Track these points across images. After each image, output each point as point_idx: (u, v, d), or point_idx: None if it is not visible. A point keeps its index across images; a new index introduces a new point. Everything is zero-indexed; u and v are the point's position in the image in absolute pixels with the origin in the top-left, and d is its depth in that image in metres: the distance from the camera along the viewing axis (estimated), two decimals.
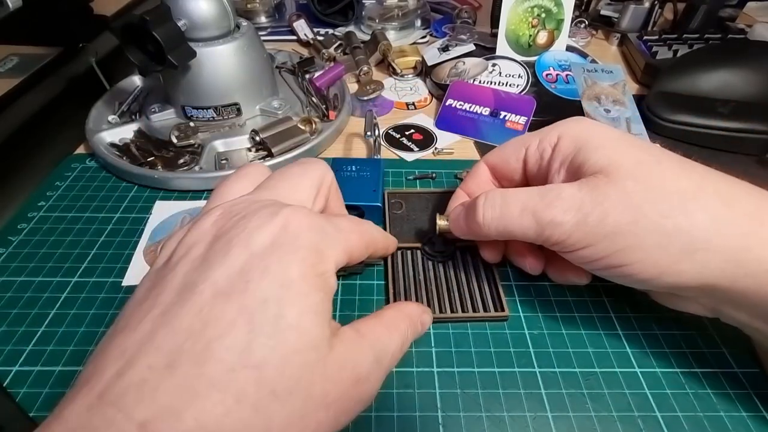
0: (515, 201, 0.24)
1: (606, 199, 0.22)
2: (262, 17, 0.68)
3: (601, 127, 0.25)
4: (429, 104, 0.51)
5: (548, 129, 0.27)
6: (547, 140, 0.26)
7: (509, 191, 0.25)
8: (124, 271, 0.32)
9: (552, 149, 0.26)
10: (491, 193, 0.26)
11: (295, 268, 0.17)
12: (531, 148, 0.27)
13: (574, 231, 0.22)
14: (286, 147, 0.40)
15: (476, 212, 0.26)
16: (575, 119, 0.26)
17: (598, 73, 0.50)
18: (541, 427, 0.24)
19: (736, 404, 0.25)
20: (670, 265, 0.21)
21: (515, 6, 0.51)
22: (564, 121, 0.27)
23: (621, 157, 0.23)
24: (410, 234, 0.34)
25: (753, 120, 0.43)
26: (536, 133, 0.27)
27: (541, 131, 0.27)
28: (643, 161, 0.23)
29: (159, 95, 0.46)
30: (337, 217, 0.21)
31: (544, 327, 0.28)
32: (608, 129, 0.25)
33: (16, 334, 0.28)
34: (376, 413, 0.24)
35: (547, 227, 0.23)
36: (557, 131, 0.26)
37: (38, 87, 0.46)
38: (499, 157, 0.29)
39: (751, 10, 0.68)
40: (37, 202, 0.37)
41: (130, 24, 0.36)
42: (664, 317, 0.28)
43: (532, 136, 0.27)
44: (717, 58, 0.47)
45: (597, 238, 0.22)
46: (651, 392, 0.25)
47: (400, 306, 0.23)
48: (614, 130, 0.25)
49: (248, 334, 0.16)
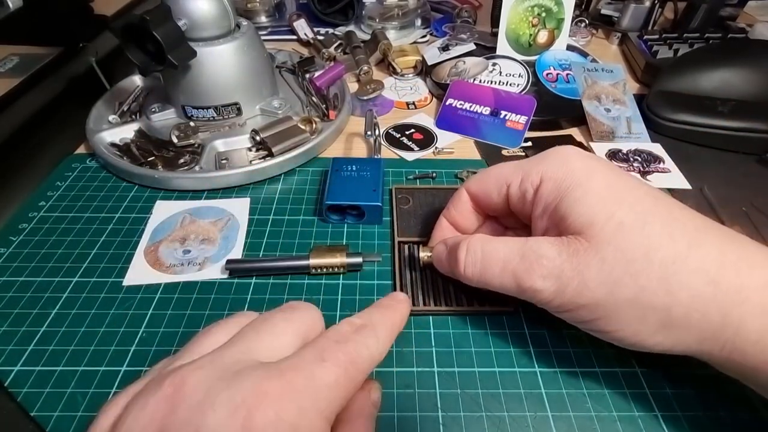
0: (496, 259, 0.24)
1: (585, 268, 0.22)
2: (262, 17, 0.68)
3: (586, 170, 0.23)
4: (429, 104, 0.51)
5: (531, 166, 0.25)
6: (529, 180, 0.25)
7: (490, 245, 0.25)
8: (125, 271, 0.32)
9: (534, 191, 0.25)
10: (472, 246, 0.25)
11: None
12: (513, 186, 0.26)
13: (554, 298, 0.23)
14: (286, 146, 0.40)
15: (457, 263, 0.26)
16: (560, 156, 0.25)
17: (599, 73, 0.50)
18: (541, 427, 0.24)
19: (743, 405, 0.25)
20: (650, 336, 0.21)
21: (515, 5, 0.51)
22: (548, 158, 0.25)
23: (603, 217, 0.22)
24: (417, 228, 0.34)
25: (753, 119, 0.43)
26: (518, 169, 0.26)
27: (523, 166, 0.26)
28: (626, 223, 0.21)
29: (159, 95, 0.46)
30: (317, 367, 0.17)
31: (544, 326, 0.28)
32: (594, 172, 0.23)
33: (17, 334, 0.28)
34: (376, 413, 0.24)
35: (527, 291, 0.23)
36: (540, 170, 0.24)
37: (38, 87, 0.46)
38: (481, 189, 0.28)
39: (752, 10, 0.68)
40: (37, 202, 0.37)
41: (131, 24, 0.36)
42: None
43: (514, 173, 0.26)
44: (717, 57, 0.47)
45: (576, 306, 0.22)
46: (651, 392, 0.25)
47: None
48: (601, 171, 0.23)
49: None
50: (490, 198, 0.27)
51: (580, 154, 0.24)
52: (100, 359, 0.27)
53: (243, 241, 0.34)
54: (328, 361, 0.17)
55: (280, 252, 0.34)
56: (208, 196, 0.38)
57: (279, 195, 0.39)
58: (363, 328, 0.19)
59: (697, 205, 0.37)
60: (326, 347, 0.18)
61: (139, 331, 0.28)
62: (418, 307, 0.29)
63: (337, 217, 0.36)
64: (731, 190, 0.39)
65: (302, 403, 0.16)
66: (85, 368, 0.26)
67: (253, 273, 0.32)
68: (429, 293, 0.30)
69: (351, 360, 0.18)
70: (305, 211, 0.37)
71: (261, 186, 0.39)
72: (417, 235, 0.34)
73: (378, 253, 0.32)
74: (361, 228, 0.35)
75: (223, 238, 0.34)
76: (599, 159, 0.25)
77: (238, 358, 0.17)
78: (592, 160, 0.24)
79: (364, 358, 0.18)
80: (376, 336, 0.19)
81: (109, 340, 0.28)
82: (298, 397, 0.16)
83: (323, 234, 0.35)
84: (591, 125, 0.45)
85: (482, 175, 0.28)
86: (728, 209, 0.36)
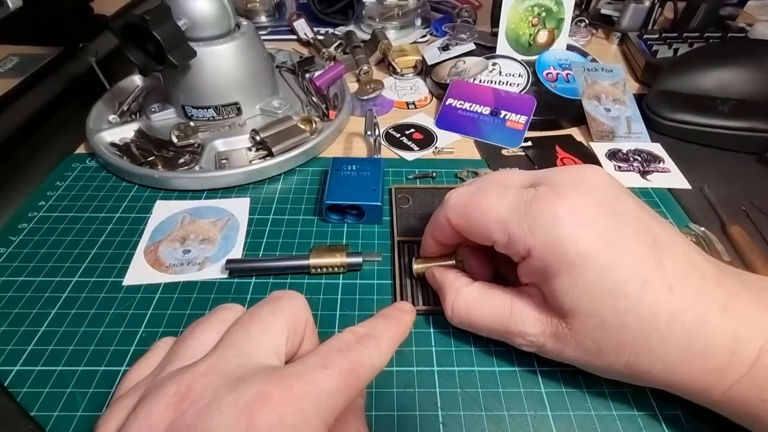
0: (481, 317, 0.25)
1: (565, 348, 0.23)
2: (262, 16, 0.68)
3: (578, 256, 0.20)
4: (429, 103, 0.51)
5: (518, 232, 0.22)
6: (515, 249, 0.22)
7: (474, 310, 0.25)
8: (125, 271, 0.32)
9: (520, 260, 0.23)
10: (459, 299, 0.26)
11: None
12: (497, 244, 0.23)
13: (539, 353, 0.25)
14: (286, 146, 0.40)
15: (445, 306, 0.26)
16: (552, 230, 0.21)
17: (599, 72, 0.50)
18: (541, 426, 0.24)
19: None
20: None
21: (515, 5, 0.51)
22: (537, 227, 0.21)
23: (587, 312, 0.21)
24: (417, 228, 0.34)
25: (753, 118, 0.43)
26: (502, 226, 0.22)
27: (509, 225, 0.22)
28: (607, 322, 0.21)
29: (159, 95, 0.46)
30: (319, 373, 0.17)
31: None
32: (585, 261, 0.20)
33: (17, 333, 0.28)
34: (376, 412, 0.24)
35: (513, 343, 0.25)
36: (527, 245, 0.22)
37: (38, 87, 0.46)
38: (462, 228, 0.25)
39: (752, 9, 0.68)
40: (37, 202, 0.37)
41: (131, 24, 0.36)
42: None
43: (498, 230, 0.23)
44: (717, 56, 0.47)
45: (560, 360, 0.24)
46: (651, 391, 0.25)
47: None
48: (594, 257, 0.20)
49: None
50: (471, 239, 0.25)
51: (574, 224, 0.21)
52: (99, 359, 0.27)
53: (243, 241, 0.34)
54: (330, 368, 0.18)
55: (280, 252, 0.34)
56: (208, 196, 0.38)
57: (279, 195, 0.39)
58: (366, 337, 0.20)
59: (697, 205, 0.37)
60: (329, 355, 0.18)
61: (139, 331, 0.28)
62: (418, 306, 0.29)
63: (337, 217, 0.36)
64: (731, 190, 0.39)
65: (304, 407, 0.16)
66: (85, 368, 0.26)
67: (253, 273, 0.32)
68: (429, 293, 0.30)
69: (353, 368, 0.18)
70: (305, 211, 0.37)
71: (261, 186, 0.39)
72: (417, 235, 0.34)
73: (378, 253, 0.32)
74: (361, 228, 0.35)
75: (223, 238, 0.34)
76: (594, 225, 0.21)
77: (240, 363, 0.18)
78: (587, 237, 0.21)
79: (366, 367, 0.19)
80: (378, 346, 0.20)
81: (109, 339, 0.28)
82: (301, 401, 0.16)
83: (323, 234, 0.35)
84: (591, 125, 0.45)
85: (465, 213, 0.24)
86: (728, 209, 0.36)
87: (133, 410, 0.17)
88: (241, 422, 0.15)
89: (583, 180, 0.22)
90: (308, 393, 0.16)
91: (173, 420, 0.16)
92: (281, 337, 0.19)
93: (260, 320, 0.19)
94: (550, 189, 0.22)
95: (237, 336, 0.19)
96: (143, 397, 0.17)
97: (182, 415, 0.16)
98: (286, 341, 0.19)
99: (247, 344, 0.19)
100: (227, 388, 0.16)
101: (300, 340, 0.21)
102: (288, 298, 0.21)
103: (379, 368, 0.19)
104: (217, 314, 0.21)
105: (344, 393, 0.17)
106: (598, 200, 0.22)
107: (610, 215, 0.21)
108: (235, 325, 0.20)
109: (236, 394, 0.16)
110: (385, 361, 0.20)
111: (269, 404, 0.16)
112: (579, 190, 0.22)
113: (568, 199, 0.21)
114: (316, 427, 0.16)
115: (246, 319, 0.20)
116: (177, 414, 0.16)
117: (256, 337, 0.19)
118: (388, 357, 0.20)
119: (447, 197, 0.26)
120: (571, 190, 0.22)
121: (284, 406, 0.16)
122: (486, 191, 0.24)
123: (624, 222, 0.21)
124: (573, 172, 0.23)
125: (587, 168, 0.24)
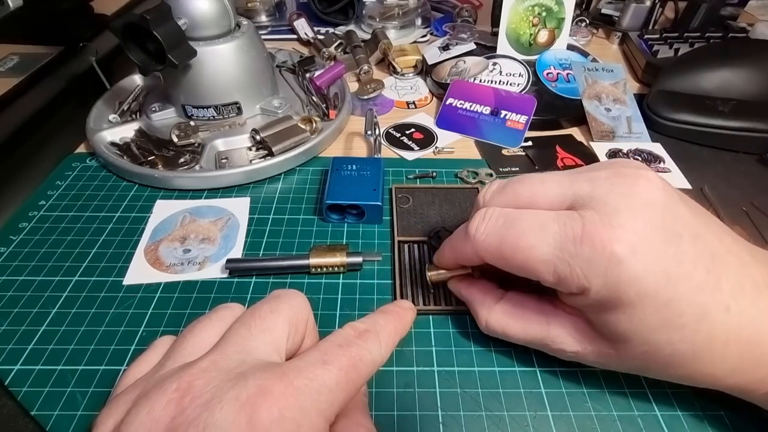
0: (517, 335, 0.25)
1: (607, 363, 0.23)
2: (262, 16, 0.68)
3: (637, 289, 0.19)
4: (429, 103, 0.51)
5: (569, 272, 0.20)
6: (565, 288, 0.21)
7: (508, 319, 0.25)
8: (125, 271, 0.32)
9: (571, 294, 0.21)
10: (492, 318, 0.25)
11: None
12: (546, 282, 0.21)
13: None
14: (286, 146, 0.40)
15: (478, 321, 0.26)
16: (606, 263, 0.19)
17: (599, 72, 0.50)
18: (541, 426, 0.24)
19: (743, 404, 0.25)
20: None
21: (516, 5, 0.51)
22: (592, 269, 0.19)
23: (639, 341, 0.21)
24: (417, 227, 0.34)
25: (754, 119, 0.43)
26: (548, 267, 0.20)
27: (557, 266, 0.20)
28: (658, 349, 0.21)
29: (159, 94, 0.46)
30: (319, 369, 0.17)
31: None
32: (646, 295, 0.19)
33: (17, 333, 0.28)
34: (376, 412, 0.24)
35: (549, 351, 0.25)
36: (581, 284, 0.20)
37: (38, 86, 0.46)
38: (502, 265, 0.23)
39: (753, 9, 0.68)
40: (37, 201, 0.37)
41: (131, 23, 0.36)
42: None
43: (545, 272, 0.21)
44: (718, 56, 0.47)
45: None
46: (651, 391, 0.25)
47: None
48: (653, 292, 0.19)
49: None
50: (511, 272, 0.23)
51: (634, 266, 0.19)
52: (100, 358, 0.27)
53: (243, 241, 0.34)
54: (331, 364, 0.18)
55: (280, 251, 0.34)
56: (208, 196, 0.38)
57: (279, 194, 0.39)
58: (366, 333, 0.20)
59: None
60: (329, 350, 0.18)
61: (139, 331, 0.28)
62: (418, 306, 0.29)
63: (337, 217, 0.36)
64: (731, 190, 0.38)
65: (304, 402, 0.16)
66: (85, 367, 0.26)
67: (253, 272, 0.32)
68: (429, 293, 0.30)
69: (353, 364, 0.18)
70: (305, 211, 0.37)
71: (261, 185, 0.39)
72: (417, 235, 0.34)
73: (378, 253, 0.32)
74: (361, 227, 0.35)
75: (223, 238, 0.34)
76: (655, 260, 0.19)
77: (241, 359, 0.18)
78: (648, 276, 0.19)
79: (366, 362, 0.19)
80: (378, 341, 0.20)
81: (109, 339, 0.28)
82: (301, 397, 0.16)
83: (323, 233, 0.35)
84: (591, 125, 0.45)
85: (500, 253, 0.22)
86: (728, 209, 0.36)
87: (134, 406, 0.17)
88: (242, 417, 0.15)
89: (638, 199, 0.20)
90: (308, 388, 0.17)
91: (175, 415, 0.16)
92: (282, 335, 0.19)
93: (261, 318, 0.20)
94: (600, 218, 0.19)
95: (238, 333, 0.19)
96: (144, 393, 0.17)
97: (184, 410, 0.16)
98: (287, 339, 0.19)
99: (248, 341, 0.19)
100: (228, 384, 0.16)
101: (301, 338, 0.21)
102: (289, 296, 0.21)
103: (380, 364, 0.19)
104: (217, 313, 0.21)
105: (344, 388, 0.17)
106: (657, 226, 0.19)
107: (670, 242, 0.19)
108: (236, 323, 0.20)
109: (237, 389, 0.16)
110: (385, 357, 0.20)
111: (270, 399, 0.16)
112: (635, 216, 0.19)
113: (625, 233, 0.19)
114: (315, 422, 0.16)
115: (247, 317, 0.20)
116: (178, 409, 0.16)
117: (257, 335, 0.19)
118: (389, 352, 0.20)
119: (473, 232, 0.23)
120: (626, 216, 0.19)
121: (284, 400, 0.16)
122: (519, 225, 0.21)
123: (684, 249, 0.19)
124: (623, 189, 0.20)
125: (640, 180, 0.20)
